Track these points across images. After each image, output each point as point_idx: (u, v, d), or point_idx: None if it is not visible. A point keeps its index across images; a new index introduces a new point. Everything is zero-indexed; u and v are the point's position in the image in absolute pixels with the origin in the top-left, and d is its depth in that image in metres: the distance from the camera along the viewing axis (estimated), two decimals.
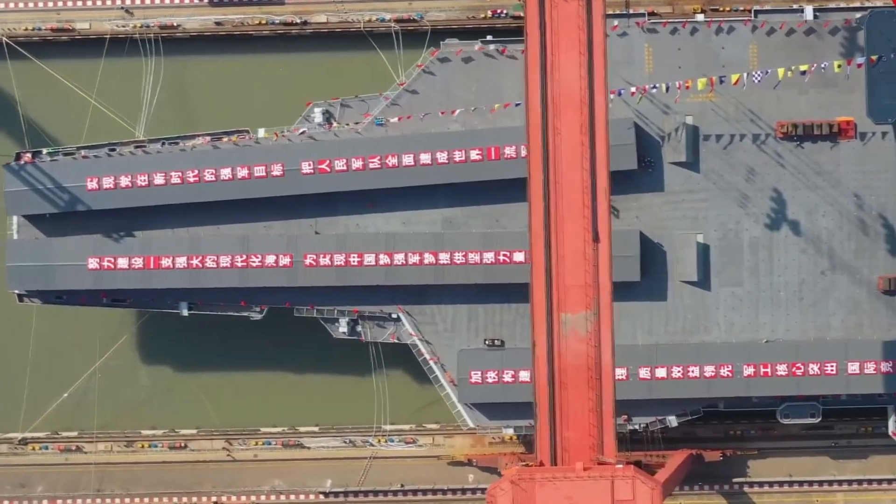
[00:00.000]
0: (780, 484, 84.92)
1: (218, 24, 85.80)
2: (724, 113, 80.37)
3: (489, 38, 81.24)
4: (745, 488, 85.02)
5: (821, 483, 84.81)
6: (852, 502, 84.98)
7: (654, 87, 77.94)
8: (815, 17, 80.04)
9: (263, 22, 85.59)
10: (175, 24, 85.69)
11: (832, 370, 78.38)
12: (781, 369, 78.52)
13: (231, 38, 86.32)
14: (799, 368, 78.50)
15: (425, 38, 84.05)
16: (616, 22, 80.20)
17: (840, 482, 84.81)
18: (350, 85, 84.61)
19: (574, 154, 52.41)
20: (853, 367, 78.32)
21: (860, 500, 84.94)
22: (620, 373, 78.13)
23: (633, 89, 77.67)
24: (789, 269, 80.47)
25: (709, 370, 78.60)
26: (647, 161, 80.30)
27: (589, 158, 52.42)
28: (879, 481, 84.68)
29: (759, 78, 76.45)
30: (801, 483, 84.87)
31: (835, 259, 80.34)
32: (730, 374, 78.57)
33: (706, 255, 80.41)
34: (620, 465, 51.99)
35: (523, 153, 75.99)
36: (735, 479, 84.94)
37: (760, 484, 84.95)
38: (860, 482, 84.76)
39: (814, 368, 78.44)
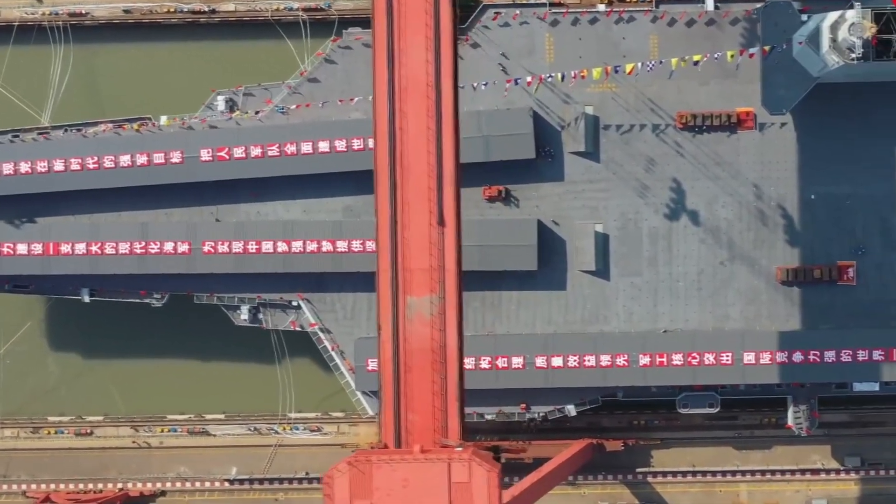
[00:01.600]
0: (684, 474, 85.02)
1: (126, 11, 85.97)
2: (625, 103, 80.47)
3: None
4: (649, 478, 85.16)
5: (724, 473, 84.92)
6: (755, 493, 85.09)
7: (550, 76, 78.08)
8: (716, 7, 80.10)
9: (172, 10, 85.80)
10: (84, 12, 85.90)
11: (728, 360, 78.47)
12: (677, 359, 78.62)
13: (140, 26, 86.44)
14: (695, 358, 78.57)
15: (333, 27, 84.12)
16: (517, 11, 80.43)
17: (743, 473, 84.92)
18: (259, 73, 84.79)
19: (420, 138, 52.56)
20: (749, 358, 78.41)
21: (763, 491, 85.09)
22: (517, 361, 78.93)
23: (529, 78, 77.77)
24: (688, 259, 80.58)
25: (605, 359, 78.70)
26: (547, 150, 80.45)
27: (435, 142, 52.51)
28: (783, 472, 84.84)
29: (651, 67, 76.50)
30: (704, 473, 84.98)
31: (734, 249, 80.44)
32: (626, 364, 78.66)
33: (605, 244, 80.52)
34: (460, 448, 52.13)
35: None
36: (639, 469, 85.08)
37: (664, 474, 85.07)
38: (763, 473, 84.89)
39: (709, 358, 78.52)
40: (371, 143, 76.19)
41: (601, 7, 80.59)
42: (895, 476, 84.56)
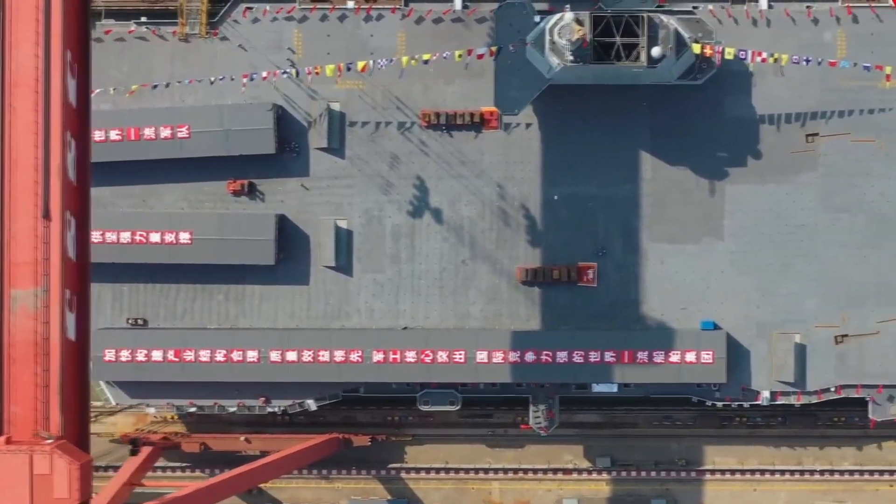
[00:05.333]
0: (437, 470, 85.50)
1: None
2: (372, 100, 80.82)
3: (143, 19, 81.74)
4: (402, 474, 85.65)
5: (476, 471, 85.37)
6: (507, 491, 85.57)
7: (285, 72, 78.53)
8: (465, 6, 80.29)
9: None
10: None
11: (461, 358, 78.79)
12: (411, 356, 78.95)
13: None
14: (428, 356, 78.92)
15: (100, 18, 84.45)
16: (267, 7, 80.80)
17: (496, 471, 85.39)
18: None
19: (28, 133, 53.04)
20: (482, 356, 78.71)
21: (514, 490, 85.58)
22: (252, 355, 79.39)
23: (265, 73, 78.20)
24: (431, 257, 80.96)
25: (339, 355, 79.10)
26: (293, 146, 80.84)
27: (43, 137, 53.02)
28: (535, 471, 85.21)
29: (383, 65, 76.81)
30: (456, 470, 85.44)
31: (476, 248, 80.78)
32: (360, 360, 79.04)
33: (349, 241, 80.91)
34: (51, 441, 52.75)
35: (162, 134, 77.76)
36: (391, 465, 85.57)
37: (417, 470, 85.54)
38: (515, 471, 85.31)
39: (443, 356, 78.85)
40: (112, 134, 78.20)
41: (350, 4, 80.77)
42: (645, 477, 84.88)
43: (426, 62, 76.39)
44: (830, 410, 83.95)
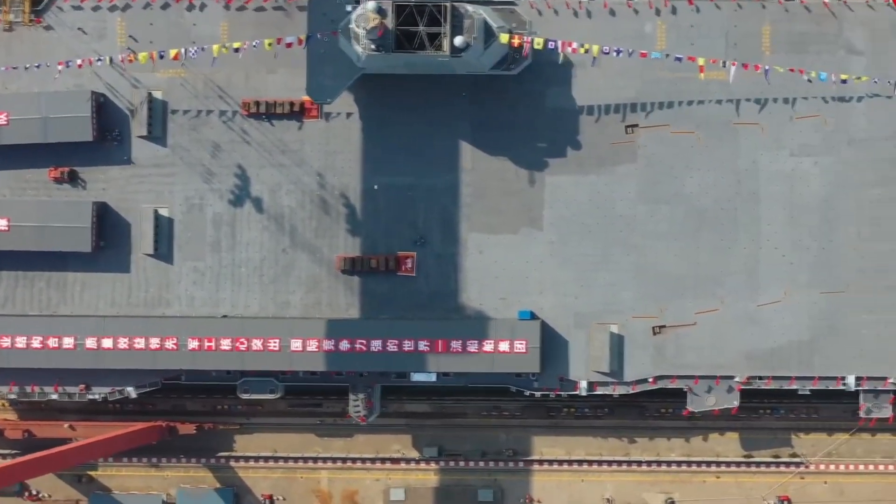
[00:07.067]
0: (266, 459, 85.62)
1: None
2: (193, 88, 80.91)
3: None
4: (232, 462, 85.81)
5: (305, 460, 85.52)
6: (335, 480, 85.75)
7: (100, 59, 78.57)
8: None
9: None
10: None
11: (276, 347, 78.90)
12: (226, 344, 79.08)
13: None
14: (242, 344, 79.03)
15: None
16: None
17: (325, 460, 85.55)
18: None
19: None
20: (296, 345, 78.82)
21: (343, 479, 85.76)
22: (68, 342, 79.56)
23: (80, 61, 78.26)
24: (251, 245, 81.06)
25: (154, 342, 79.24)
26: (115, 134, 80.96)
27: None
28: (363, 460, 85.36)
29: (195, 53, 76.87)
30: (285, 459, 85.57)
31: (296, 237, 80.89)
32: (175, 347, 79.16)
33: (170, 228, 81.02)
34: None
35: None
36: (220, 454, 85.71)
37: (246, 459, 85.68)
38: (344, 460, 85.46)
39: (258, 344, 78.98)
40: None
41: None
42: (473, 467, 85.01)
43: (237, 51, 76.37)
44: (658, 402, 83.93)
